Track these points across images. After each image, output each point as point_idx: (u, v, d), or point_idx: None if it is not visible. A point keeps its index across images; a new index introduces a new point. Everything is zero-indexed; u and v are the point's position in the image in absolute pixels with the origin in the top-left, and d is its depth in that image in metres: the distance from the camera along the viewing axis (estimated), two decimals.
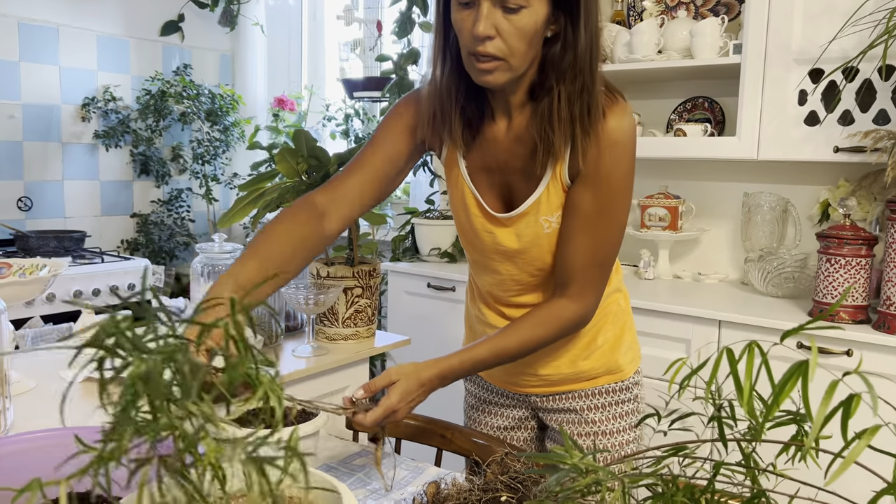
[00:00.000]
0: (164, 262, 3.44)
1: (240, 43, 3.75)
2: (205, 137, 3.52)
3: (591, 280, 1.12)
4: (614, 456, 1.24)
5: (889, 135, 1.72)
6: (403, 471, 1.27)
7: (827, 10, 1.84)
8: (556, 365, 1.24)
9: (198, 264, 1.75)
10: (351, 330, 1.67)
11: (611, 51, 2.33)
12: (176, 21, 3.52)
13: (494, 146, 1.14)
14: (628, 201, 1.11)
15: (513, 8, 0.96)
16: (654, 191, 2.38)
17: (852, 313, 1.74)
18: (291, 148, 1.47)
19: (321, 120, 3.49)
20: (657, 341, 1.96)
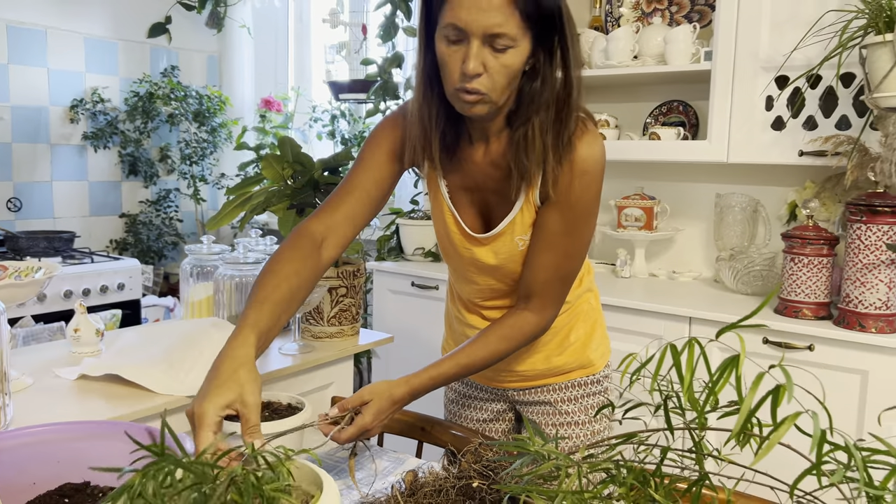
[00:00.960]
0: (152, 262, 3.49)
1: (227, 45, 3.80)
2: (192, 138, 3.57)
3: (552, 294, 1.19)
4: (582, 444, 1.32)
5: (849, 140, 1.80)
6: (385, 462, 1.34)
7: (792, 20, 1.91)
8: (532, 362, 1.31)
9: (187, 265, 1.81)
10: (336, 328, 1.73)
11: (588, 56, 2.40)
12: (163, 23, 3.55)
13: (472, 168, 1.19)
14: (593, 224, 1.17)
15: (500, 48, 1.00)
16: (631, 192, 2.46)
17: (815, 310, 1.82)
18: (277, 154, 1.53)
19: (308, 121, 3.55)
20: (632, 337, 2.04)
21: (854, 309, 1.72)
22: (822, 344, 1.75)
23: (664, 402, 0.81)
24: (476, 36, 0.99)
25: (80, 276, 2.77)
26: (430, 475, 1.00)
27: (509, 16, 0.98)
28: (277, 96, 3.67)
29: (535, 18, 1.00)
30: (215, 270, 1.76)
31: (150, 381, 1.35)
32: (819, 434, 0.66)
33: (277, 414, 1.21)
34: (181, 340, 1.49)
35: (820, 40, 1.78)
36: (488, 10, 0.97)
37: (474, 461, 0.99)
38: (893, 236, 1.68)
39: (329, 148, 3.58)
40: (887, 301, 1.69)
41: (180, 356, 1.43)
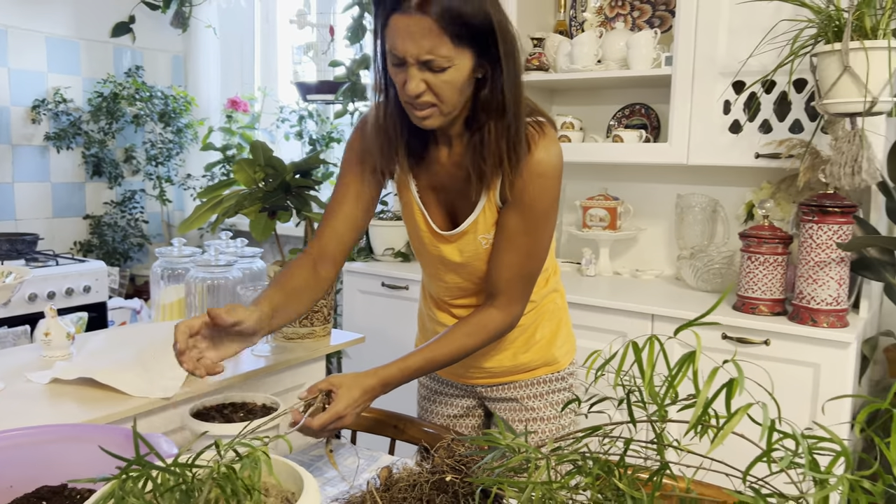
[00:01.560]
0: (118, 264, 3.46)
1: (192, 44, 3.77)
2: (158, 139, 3.54)
3: (516, 292, 1.23)
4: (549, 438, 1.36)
5: (801, 143, 1.88)
6: (359, 459, 1.38)
7: (747, 27, 1.99)
8: (499, 359, 1.36)
9: (157, 268, 1.82)
10: (307, 329, 1.75)
11: (554, 60, 2.46)
12: (127, 22, 3.53)
13: (439, 169, 1.25)
14: (552, 224, 1.22)
15: (437, 69, 1.05)
16: (595, 193, 2.52)
17: (771, 306, 1.90)
18: (249, 158, 1.55)
19: (275, 121, 3.55)
20: (597, 334, 2.10)
21: (807, 305, 1.80)
22: (777, 339, 1.82)
23: (627, 396, 0.85)
24: (411, 61, 1.05)
25: (44, 278, 2.74)
26: (405, 471, 1.03)
27: (439, 40, 1.03)
28: (244, 96, 3.66)
29: (467, 36, 1.04)
30: (186, 273, 1.76)
31: (124, 384, 1.36)
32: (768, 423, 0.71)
33: (253, 414, 1.24)
34: (154, 343, 1.50)
35: (774, 48, 1.86)
36: (418, 38, 1.03)
37: (447, 456, 1.03)
38: (843, 235, 1.76)
39: (297, 148, 3.58)
40: (838, 297, 1.78)
41: (154, 359, 1.45)
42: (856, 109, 1.58)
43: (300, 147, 3.50)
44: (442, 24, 1.01)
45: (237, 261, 1.78)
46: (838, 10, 1.60)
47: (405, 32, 1.03)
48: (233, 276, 1.72)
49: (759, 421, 0.70)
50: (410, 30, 1.02)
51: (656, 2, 2.49)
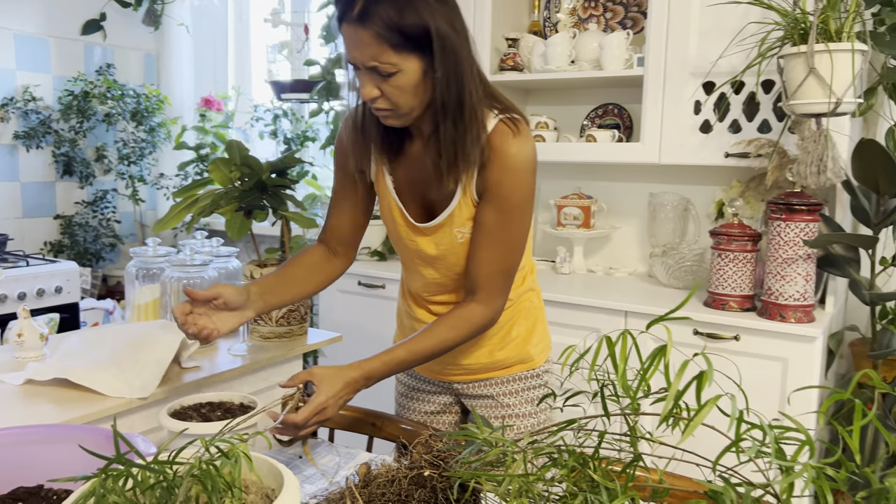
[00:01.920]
0: (89, 264, 3.41)
1: (164, 42, 3.73)
2: (130, 138, 3.50)
3: (496, 286, 1.25)
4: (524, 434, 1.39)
5: (769, 143, 1.92)
6: (336, 457, 1.38)
7: (717, 29, 2.03)
8: (476, 356, 1.38)
9: (132, 268, 1.80)
10: (284, 328, 1.76)
11: (528, 60, 2.48)
12: (97, 20, 3.49)
13: (414, 163, 1.28)
14: (528, 218, 1.25)
15: (385, 74, 1.10)
16: (569, 192, 2.55)
17: (740, 302, 1.94)
18: (224, 158, 1.55)
19: (249, 120, 3.53)
20: (572, 331, 2.13)
21: (775, 301, 1.84)
22: (746, 334, 1.87)
23: (601, 390, 0.88)
24: (360, 67, 1.12)
25: (15, 279, 2.70)
26: (383, 467, 1.04)
27: (379, 49, 1.08)
28: (217, 95, 3.64)
29: (407, 44, 1.08)
30: (161, 273, 1.76)
31: (100, 384, 1.35)
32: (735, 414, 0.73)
33: (230, 413, 1.24)
34: (129, 343, 1.49)
35: (743, 49, 1.90)
36: (362, 48, 1.09)
37: (425, 452, 1.04)
38: (810, 233, 1.81)
39: (271, 147, 3.57)
40: (805, 293, 1.82)
41: (131, 359, 1.44)
42: (821, 110, 1.63)
43: (275, 146, 3.48)
44: (380, 35, 1.07)
45: (213, 260, 1.78)
46: (804, 14, 1.64)
47: (351, 41, 1.10)
48: (208, 276, 1.71)
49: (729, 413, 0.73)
50: (354, 39, 1.09)
51: (628, 3, 2.53)
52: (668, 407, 0.76)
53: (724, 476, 0.78)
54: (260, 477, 0.91)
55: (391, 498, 1.02)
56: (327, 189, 3.37)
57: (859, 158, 1.71)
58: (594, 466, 0.86)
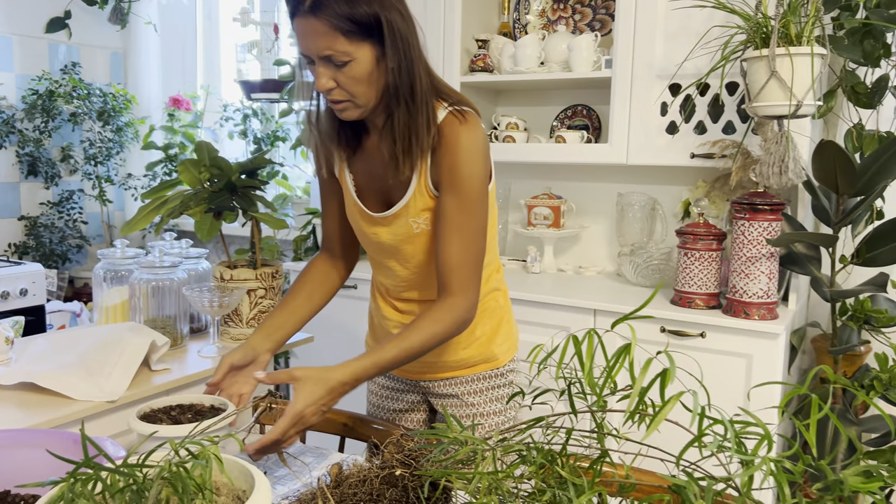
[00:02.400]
0: (56, 266, 3.36)
1: (132, 41, 3.69)
2: (97, 138, 3.45)
3: (467, 276, 1.26)
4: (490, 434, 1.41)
5: (733, 144, 1.97)
6: (309, 457, 1.38)
7: (683, 32, 2.07)
8: (441, 355, 1.40)
9: (100, 270, 1.78)
10: (254, 329, 1.75)
11: (498, 62, 2.50)
12: (62, 18, 3.43)
13: (371, 157, 1.31)
14: (486, 204, 1.27)
15: (339, 63, 1.14)
16: (539, 192, 2.57)
17: (706, 300, 1.98)
18: (194, 159, 1.54)
19: (218, 120, 3.50)
20: (542, 329, 2.15)
21: (740, 298, 1.88)
22: (712, 331, 1.91)
23: (568, 387, 0.89)
24: (315, 59, 1.14)
25: None
26: (355, 467, 1.05)
27: (333, 37, 1.11)
28: (186, 95, 3.60)
29: (359, 32, 1.12)
30: (130, 275, 1.74)
31: (68, 387, 1.34)
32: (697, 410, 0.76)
33: (201, 415, 1.24)
34: (97, 346, 1.48)
35: (708, 52, 1.94)
36: (314, 38, 1.11)
37: (396, 451, 1.05)
38: (773, 232, 1.85)
39: (241, 147, 3.54)
40: (768, 291, 1.86)
41: (99, 362, 1.43)
42: (782, 112, 1.67)
43: (244, 146, 3.46)
44: (332, 24, 1.10)
45: (182, 262, 1.77)
46: (766, 18, 1.68)
47: (304, 34, 1.13)
48: (178, 278, 1.70)
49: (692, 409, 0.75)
50: (308, 30, 1.12)
51: (597, 5, 2.56)
52: (633, 404, 0.78)
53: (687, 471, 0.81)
54: (231, 479, 0.91)
55: (363, 498, 1.03)
56: (298, 189, 3.36)
57: (819, 159, 1.76)
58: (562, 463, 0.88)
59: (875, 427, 1.94)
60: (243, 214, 1.66)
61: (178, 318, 1.71)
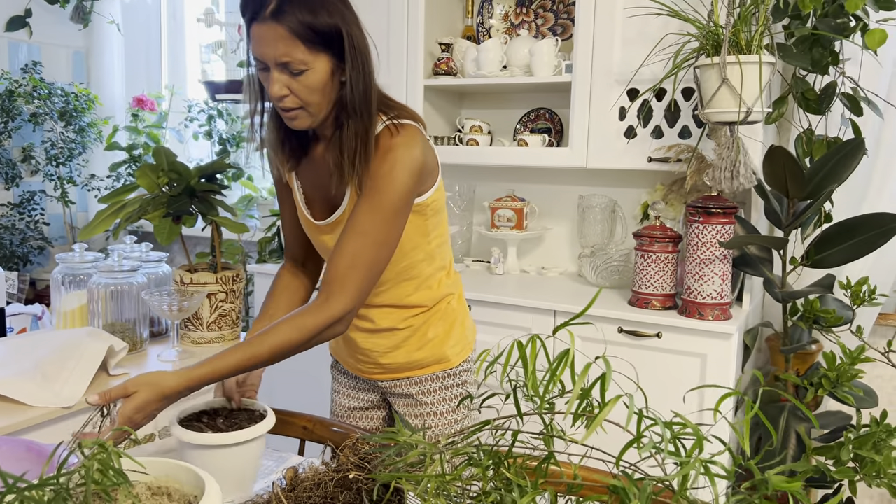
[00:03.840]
0: (16, 268, 3.31)
1: (94, 40, 3.64)
2: (59, 138, 3.41)
3: (351, 281, 1.20)
4: (443, 433, 1.44)
5: (688, 149, 2.01)
6: (267, 461, 1.40)
7: (640, 38, 2.11)
8: (394, 356, 1.43)
9: (58, 274, 1.77)
10: (216, 333, 1.75)
11: (461, 65, 2.53)
12: (22, 16, 3.38)
13: (318, 165, 1.34)
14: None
15: (296, 72, 1.15)
16: (502, 194, 2.61)
17: (662, 301, 2.03)
18: (152, 164, 1.54)
19: (183, 120, 3.48)
20: (505, 330, 2.18)
21: (694, 300, 1.93)
22: (668, 331, 1.95)
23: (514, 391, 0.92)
24: (271, 65, 1.15)
25: None
26: (311, 470, 1.07)
27: (293, 45, 1.13)
28: (151, 95, 3.57)
29: (319, 42, 1.15)
30: (89, 279, 1.73)
31: (24, 394, 1.33)
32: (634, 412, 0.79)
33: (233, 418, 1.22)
34: (55, 352, 1.47)
35: (664, 58, 1.98)
36: (274, 44, 1.13)
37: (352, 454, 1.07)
38: (726, 235, 1.90)
39: (206, 148, 3.52)
40: (721, 292, 1.91)
41: (56, 367, 1.42)
42: (733, 118, 1.72)
43: (209, 147, 3.44)
44: (294, 32, 1.12)
45: (141, 266, 1.76)
46: (717, 27, 1.72)
47: (263, 39, 1.14)
48: (137, 282, 1.70)
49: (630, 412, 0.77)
50: (267, 36, 1.13)
51: (559, 10, 2.59)
52: (572, 406, 0.81)
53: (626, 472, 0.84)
54: (182, 484, 0.92)
55: (317, 501, 1.04)
56: (263, 191, 3.35)
57: (770, 164, 1.81)
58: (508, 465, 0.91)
59: (827, 423, 2.01)
60: (203, 218, 1.66)
61: (138, 322, 1.71)
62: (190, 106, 3.45)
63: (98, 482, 0.72)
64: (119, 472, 0.72)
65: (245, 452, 1.15)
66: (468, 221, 2.76)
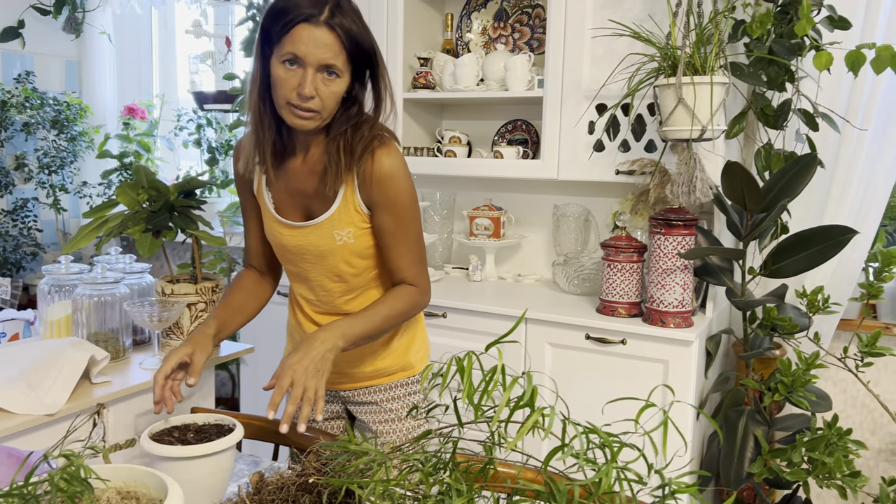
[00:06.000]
0: (10, 274, 3.39)
1: (86, 50, 3.72)
2: (51, 147, 3.48)
3: (418, 271, 1.43)
4: (407, 437, 1.52)
5: (651, 163, 2.09)
6: (240, 464, 1.47)
7: (608, 55, 2.19)
8: (361, 365, 1.51)
9: (45, 285, 1.85)
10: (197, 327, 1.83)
11: (440, 79, 2.60)
12: (16, 27, 3.45)
13: (295, 175, 1.41)
14: (419, 212, 1.43)
15: (331, 76, 1.26)
16: (480, 203, 2.69)
17: (628, 308, 2.11)
18: (132, 182, 1.62)
19: (173, 129, 3.55)
20: (479, 337, 2.25)
21: (657, 308, 2.01)
22: (632, 338, 2.03)
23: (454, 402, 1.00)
24: (312, 66, 1.24)
25: None
26: (276, 475, 1.14)
27: (338, 52, 1.24)
28: (141, 103, 3.65)
29: (356, 57, 1.27)
30: (74, 289, 1.81)
31: (9, 402, 1.41)
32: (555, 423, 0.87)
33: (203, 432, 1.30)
34: (39, 360, 1.55)
35: (628, 77, 2.06)
36: (324, 48, 1.23)
37: (315, 460, 1.15)
38: (687, 245, 1.98)
39: (196, 156, 3.60)
40: (683, 300, 1.99)
41: (39, 376, 1.50)
42: (688, 136, 1.79)
43: (199, 156, 3.52)
44: (343, 41, 1.24)
45: (124, 277, 1.84)
46: (674, 48, 1.80)
47: (313, 40, 1.22)
48: (120, 293, 1.77)
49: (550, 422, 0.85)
50: (318, 39, 1.22)
51: (535, 25, 2.67)
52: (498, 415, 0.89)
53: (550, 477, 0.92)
54: (149, 489, 1.00)
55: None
56: None
57: (727, 178, 1.89)
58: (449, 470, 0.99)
59: (790, 426, 2.08)
60: (182, 232, 1.74)
61: (121, 331, 1.79)
62: (179, 115, 3.53)
63: (63, 490, 0.80)
64: (82, 481, 0.80)
65: (214, 464, 1.22)
66: (448, 229, 2.84)
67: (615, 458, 0.87)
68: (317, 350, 1.26)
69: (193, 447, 1.20)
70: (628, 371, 2.04)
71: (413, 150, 2.65)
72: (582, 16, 2.23)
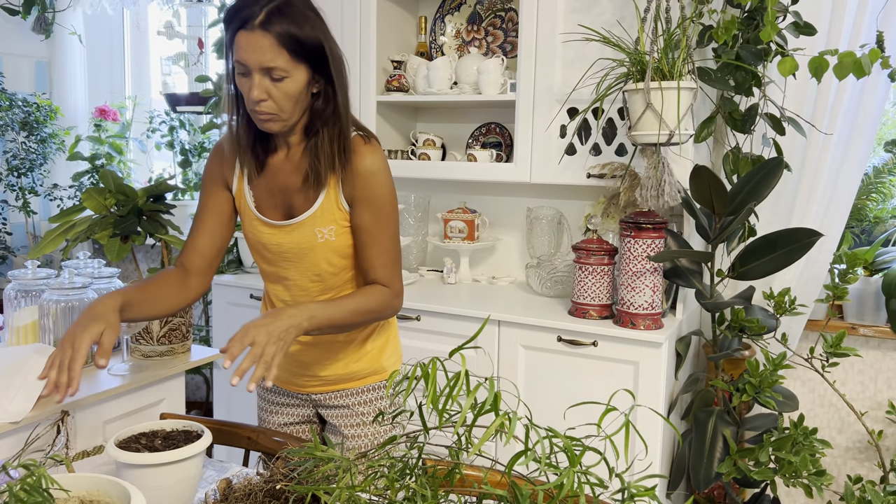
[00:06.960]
0: None
1: (57, 51, 3.67)
2: (20, 149, 3.43)
3: (392, 272, 1.44)
4: (377, 441, 1.52)
5: (621, 167, 2.11)
6: (210, 470, 1.47)
7: (580, 59, 2.21)
8: (333, 368, 1.51)
9: (11, 290, 1.82)
10: (166, 347, 1.82)
11: (413, 82, 2.61)
12: None
13: (276, 174, 1.42)
14: (397, 215, 1.45)
15: (277, 78, 1.27)
16: (455, 206, 2.69)
17: (599, 311, 2.13)
18: (99, 187, 1.61)
19: (145, 131, 3.52)
20: (453, 340, 2.26)
21: (627, 310, 2.03)
22: (603, 340, 2.05)
23: (419, 408, 1.01)
24: (256, 70, 1.26)
25: None
26: (245, 481, 1.14)
27: (277, 53, 1.25)
28: (113, 105, 3.61)
29: (302, 53, 1.27)
30: (41, 294, 1.78)
31: None
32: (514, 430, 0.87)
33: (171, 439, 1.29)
34: (4, 367, 1.53)
35: (598, 80, 2.07)
36: (260, 51, 1.24)
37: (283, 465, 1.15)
38: (656, 248, 2.00)
39: (169, 158, 3.57)
40: (652, 303, 2.02)
41: (4, 384, 1.48)
42: (656, 140, 1.82)
43: (172, 157, 3.49)
44: (280, 41, 1.24)
45: (92, 282, 1.82)
46: (642, 53, 1.82)
47: (250, 46, 1.25)
48: (88, 298, 1.76)
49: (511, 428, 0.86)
50: (254, 44, 1.24)
51: (508, 28, 2.68)
52: (460, 423, 0.90)
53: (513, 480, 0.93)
54: (112, 497, 0.99)
55: None
56: None
57: (695, 182, 1.91)
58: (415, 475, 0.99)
59: (759, 425, 2.11)
60: (151, 237, 1.72)
61: None
62: (152, 117, 3.49)
63: (23, 500, 0.79)
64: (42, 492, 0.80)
65: (181, 471, 1.22)
66: (423, 232, 2.85)
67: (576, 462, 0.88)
68: (283, 321, 1.26)
69: (160, 454, 1.19)
70: (600, 373, 2.06)
71: (388, 153, 2.65)
72: (553, 20, 2.24)
